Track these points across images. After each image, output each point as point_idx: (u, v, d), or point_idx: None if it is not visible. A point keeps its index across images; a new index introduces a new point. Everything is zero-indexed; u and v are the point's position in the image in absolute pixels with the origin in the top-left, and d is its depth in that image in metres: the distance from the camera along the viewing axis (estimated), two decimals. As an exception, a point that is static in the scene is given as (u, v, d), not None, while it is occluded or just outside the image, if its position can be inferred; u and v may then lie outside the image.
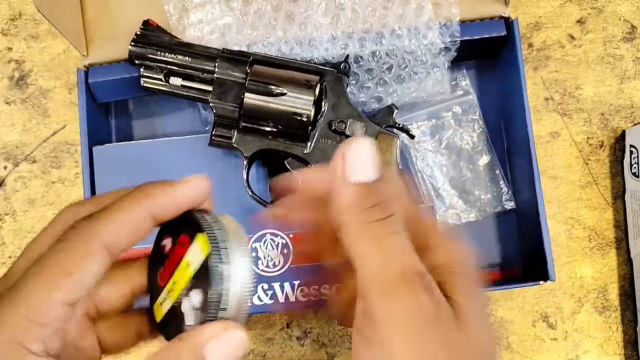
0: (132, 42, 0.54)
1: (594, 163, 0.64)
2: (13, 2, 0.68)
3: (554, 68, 0.65)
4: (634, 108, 0.64)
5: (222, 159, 0.57)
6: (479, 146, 0.62)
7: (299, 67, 0.53)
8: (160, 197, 0.27)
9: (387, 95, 0.59)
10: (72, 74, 0.67)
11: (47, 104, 0.67)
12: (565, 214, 0.63)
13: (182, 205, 0.28)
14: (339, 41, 0.56)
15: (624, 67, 0.65)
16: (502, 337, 0.62)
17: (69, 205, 0.30)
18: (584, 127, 0.64)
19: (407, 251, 0.26)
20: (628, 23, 0.65)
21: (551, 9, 0.66)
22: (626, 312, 0.62)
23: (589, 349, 0.62)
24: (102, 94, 0.60)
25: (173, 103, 0.64)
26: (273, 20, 0.57)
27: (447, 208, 0.62)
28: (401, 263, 0.26)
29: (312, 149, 0.53)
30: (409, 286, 0.25)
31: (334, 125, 0.52)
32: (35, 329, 0.25)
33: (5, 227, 0.65)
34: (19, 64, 0.67)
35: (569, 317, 0.62)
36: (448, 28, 0.56)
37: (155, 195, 0.27)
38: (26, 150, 0.66)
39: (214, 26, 0.57)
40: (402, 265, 0.26)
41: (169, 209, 0.28)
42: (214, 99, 0.53)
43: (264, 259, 0.55)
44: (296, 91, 0.52)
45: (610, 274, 0.62)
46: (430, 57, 0.57)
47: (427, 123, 0.63)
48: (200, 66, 0.53)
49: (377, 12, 0.56)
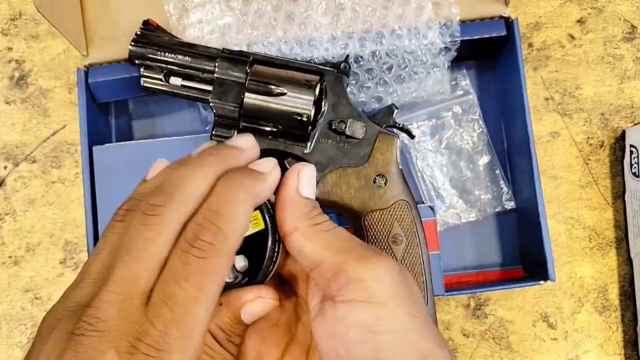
0: (132, 42, 0.54)
1: (594, 163, 0.64)
2: (13, 2, 0.68)
3: (554, 68, 0.65)
4: (634, 108, 0.64)
5: (222, 159, 0.57)
6: (479, 146, 0.63)
7: (299, 67, 0.53)
8: (260, 185, 0.31)
9: (387, 95, 0.59)
10: (72, 74, 0.67)
11: (47, 104, 0.67)
12: (565, 214, 0.63)
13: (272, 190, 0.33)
14: (339, 41, 0.56)
15: (624, 67, 0.65)
16: (502, 337, 0.62)
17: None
18: (584, 127, 0.64)
19: (353, 236, 0.33)
20: (628, 23, 0.65)
21: (551, 9, 0.66)
22: (626, 312, 0.62)
23: (589, 349, 0.62)
24: (102, 94, 0.60)
25: (173, 103, 0.64)
26: (273, 20, 0.57)
27: (447, 208, 0.62)
28: (357, 241, 0.32)
29: (312, 149, 0.53)
30: (374, 250, 0.32)
31: (334, 125, 0.52)
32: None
33: (5, 227, 0.65)
34: (19, 63, 0.67)
35: (569, 317, 0.62)
36: (448, 28, 0.56)
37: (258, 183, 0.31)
38: (26, 150, 0.66)
39: (214, 26, 0.57)
40: (359, 242, 0.32)
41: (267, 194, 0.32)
42: (214, 99, 0.53)
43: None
44: (296, 91, 0.52)
45: (610, 274, 0.62)
46: (430, 57, 0.57)
47: (427, 123, 0.63)
48: (200, 66, 0.53)
49: (377, 12, 0.56)
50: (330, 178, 0.52)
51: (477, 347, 0.62)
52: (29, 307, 0.64)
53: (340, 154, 0.52)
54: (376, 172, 0.52)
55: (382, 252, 0.32)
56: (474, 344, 0.62)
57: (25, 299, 0.64)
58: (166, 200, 0.28)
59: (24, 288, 0.65)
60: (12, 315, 0.64)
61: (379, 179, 0.52)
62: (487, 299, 0.62)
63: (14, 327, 0.64)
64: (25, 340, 0.64)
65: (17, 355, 0.64)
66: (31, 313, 0.64)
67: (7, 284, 0.65)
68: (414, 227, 0.51)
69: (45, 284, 0.65)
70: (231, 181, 0.29)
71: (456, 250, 0.62)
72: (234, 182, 0.29)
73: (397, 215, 0.51)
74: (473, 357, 0.62)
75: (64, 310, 0.26)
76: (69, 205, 0.65)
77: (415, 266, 0.50)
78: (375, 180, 0.52)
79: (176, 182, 0.28)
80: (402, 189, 0.52)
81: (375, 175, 0.52)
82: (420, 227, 0.51)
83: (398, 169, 0.52)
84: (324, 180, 0.52)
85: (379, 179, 0.52)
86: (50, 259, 0.65)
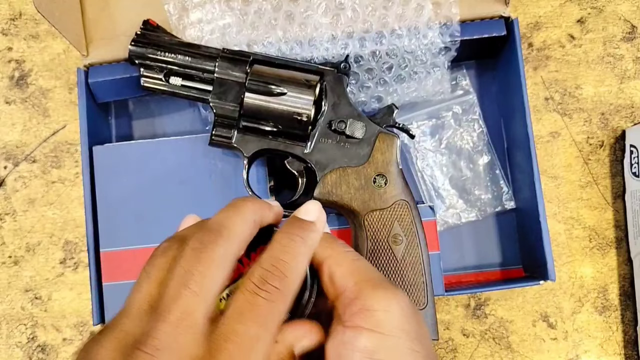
0: (132, 42, 0.54)
1: (594, 163, 0.64)
2: (13, 2, 0.68)
3: (554, 68, 0.65)
4: (634, 108, 0.64)
5: (222, 159, 0.57)
6: (479, 146, 0.62)
7: (299, 67, 0.53)
8: (314, 235, 0.34)
9: (387, 95, 0.59)
10: (72, 74, 0.67)
11: (47, 104, 0.67)
12: (565, 214, 0.63)
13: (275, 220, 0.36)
14: (339, 41, 0.56)
15: (624, 67, 0.65)
16: (502, 337, 0.62)
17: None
18: (584, 127, 0.64)
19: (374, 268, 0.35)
20: (628, 23, 0.65)
21: (551, 9, 0.66)
22: (626, 312, 0.62)
23: (589, 348, 0.62)
24: (102, 94, 0.60)
25: (173, 103, 0.64)
26: (273, 20, 0.57)
27: (447, 208, 0.62)
28: (377, 273, 0.34)
29: (312, 149, 0.53)
30: (392, 285, 0.33)
31: (334, 125, 0.52)
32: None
33: (5, 227, 0.65)
34: (19, 63, 0.67)
35: (569, 317, 0.62)
36: (448, 28, 0.56)
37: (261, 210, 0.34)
38: (26, 150, 0.66)
39: (214, 26, 0.57)
40: (379, 274, 0.34)
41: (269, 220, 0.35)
42: (214, 99, 0.53)
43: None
44: (296, 91, 0.52)
45: (610, 274, 0.62)
46: (430, 57, 0.57)
47: (427, 123, 0.63)
48: (200, 66, 0.53)
49: (377, 12, 0.56)
50: (330, 178, 0.52)
51: (477, 347, 0.62)
52: (29, 307, 0.64)
53: (340, 153, 0.52)
54: (376, 172, 0.52)
55: (399, 288, 0.34)
56: (474, 344, 0.62)
57: (25, 299, 0.65)
58: (216, 237, 0.30)
59: (24, 288, 0.65)
60: (12, 315, 0.64)
61: (379, 178, 0.52)
62: (487, 299, 0.62)
63: (14, 327, 0.64)
64: (25, 340, 0.64)
65: (17, 355, 0.64)
66: (31, 313, 0.64)
67: (7, 284, 0.65)
68: (414, 227, 0.51)
69: (45, 284, 0.65)
70: (290, 233, 0.33)
71: (456, 250, 0.62)
72: (292, 233, 0.33)
73: (397, 215, 0.51)
74: (473, 357, 0.62)
75: (113, 340, 0.27)
76: (69, 205, 0.65)
77: (415, 266, 0.50)
78: (375, 180, 0.52)
79: (222, 222, 0.31)
80: (402, 189, 0.52)
81: (375, 175, 0.52)
82: (420, 227, 0.51)
83: (398, 169, 0.52)
84: (324, 180, 0.52)
85: (379, 179, 0.52)
86: (50, 259, 0.65)
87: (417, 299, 0.50)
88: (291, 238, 0.32)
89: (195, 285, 0.28)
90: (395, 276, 0.50)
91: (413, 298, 0.50)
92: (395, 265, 0.50)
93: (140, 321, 0.28)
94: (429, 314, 0.50)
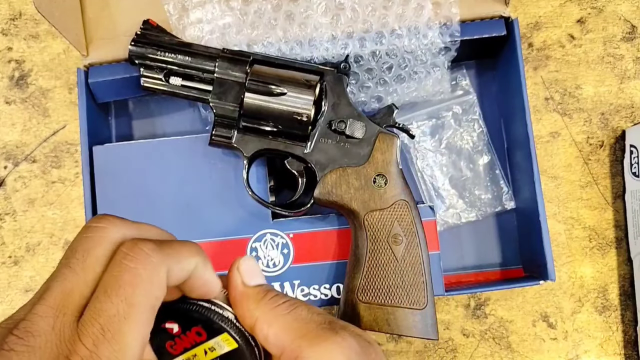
0: (132, 42, 0.54)
1: (594, 163, 0.64)
2: (13, 2, 0.68)
3: (554, 68, 0.65)
4: (634, 108, 0.64)
5: (222, 159, 0.57)
6: (479, 146, 0.63)
7: (299, 67, 0.53)
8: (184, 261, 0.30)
9: (387, 95, 0.59)
10: (72, 74, 0.67)
11: (47, 104, 0.67)
12: (565, 214, 0.63)
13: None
14: (339, 41, 0.56)
15: (624, 67, 0.65)
16: (502, 337, 0.62)
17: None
18: (584, 127, 0.64)
19: (314, 311, 0.33)
20: (628, 23, 0.65)
21: (551, 9, 0.66)
22: (626, 312, 0.62)
23: (589, 348, 0.62)
24: (102, 94, 0.60)
25: (173, 103, 0.64)
26: (273, 20, 0.57)
27: (447, 208, 0.62)
28: (316, 320, 0.32)
29: (312, 149, 0.53)
30: (331, 330, 0.31)
31: (334, 125, 0.52)
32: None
33: (5, 227, 0.65)
34: (19, 63, 0.67)
35: (569, 317, 0.62)
36: (448, 28, 0.56)
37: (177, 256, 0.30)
38: (26, 150, 0.66)
39: (214, 26, 0.57)
40: (317, 320, 0.32)
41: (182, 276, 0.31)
42: (214, 99, 0.53)
43: (264, 259, 0.55)
44: (296, 91, 0.52)
45: (610, 274, 0.62)
46: (430, 57, 0.57)
47: (427, 123, 0.63)
48: (200, 66, 0.53)
49: (377, 12, 0.56)
50: (331, 178, 0.52)
51: (477, 347, 0.62)
52: (29, 307, 0.64)
53: (340, 153, 0.52)
54: (376, 172, 0.52)
55: (344, 328, 0.32)
56: (474, 344, 0.62)
57: (25, 299, 0.64)
58: (107, 222, 0.28)
59: (24, 288, 0.65)
60: (12, 315, 0.64)
61: (379, 178, 0.52)
62: (487, 299, 0.62)
63: (14, 327, 0.64)
64: (25, 340, 0.64)
65: (17, 355, 0.64)
66: (31, 313, 0.64)
67: (7, 284, 0.65)
68: (414, 227, 0.51)
69: (45, 284, 0.65)
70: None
71: (456, 250, 0.62)
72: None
73: (397, 215, 0.51)
74: (473, 357, 0.62)
75: (1, 328, 0.26)
76: (69, 205, 0.65)
77: (415, 266, 0.50)
78: (375, 180, 0.52)
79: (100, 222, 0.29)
80: (402, 189, 0.52)
81: (375, 175, 0.52)
82: (420, 227, 0.51)
83: (398, 169, 0.52)
84: (324, 180, 0.52)
85: (379, 179, 0.52)
86: (50, 259, 0.65)
87: (417, 299, 0.50)
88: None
89: (76, 264, 0.27)
90: (395, 276, 0.50)
91: (413, 298, 0.50)
92: (395, 265, 0.50)
93: (28, 306, 0.27)
94: (429, 314, 0.50)
